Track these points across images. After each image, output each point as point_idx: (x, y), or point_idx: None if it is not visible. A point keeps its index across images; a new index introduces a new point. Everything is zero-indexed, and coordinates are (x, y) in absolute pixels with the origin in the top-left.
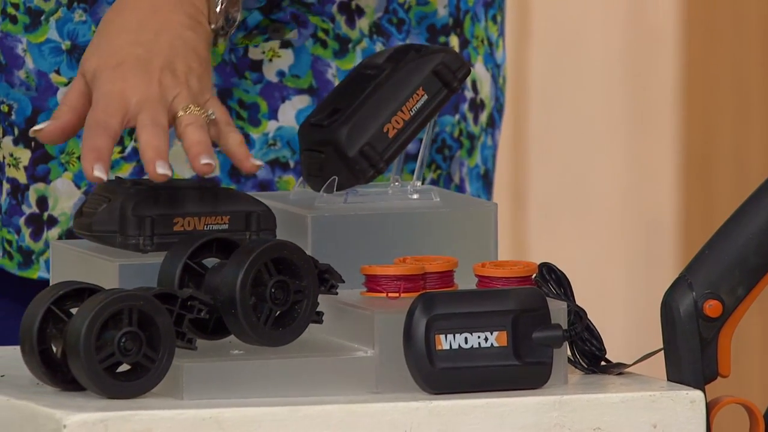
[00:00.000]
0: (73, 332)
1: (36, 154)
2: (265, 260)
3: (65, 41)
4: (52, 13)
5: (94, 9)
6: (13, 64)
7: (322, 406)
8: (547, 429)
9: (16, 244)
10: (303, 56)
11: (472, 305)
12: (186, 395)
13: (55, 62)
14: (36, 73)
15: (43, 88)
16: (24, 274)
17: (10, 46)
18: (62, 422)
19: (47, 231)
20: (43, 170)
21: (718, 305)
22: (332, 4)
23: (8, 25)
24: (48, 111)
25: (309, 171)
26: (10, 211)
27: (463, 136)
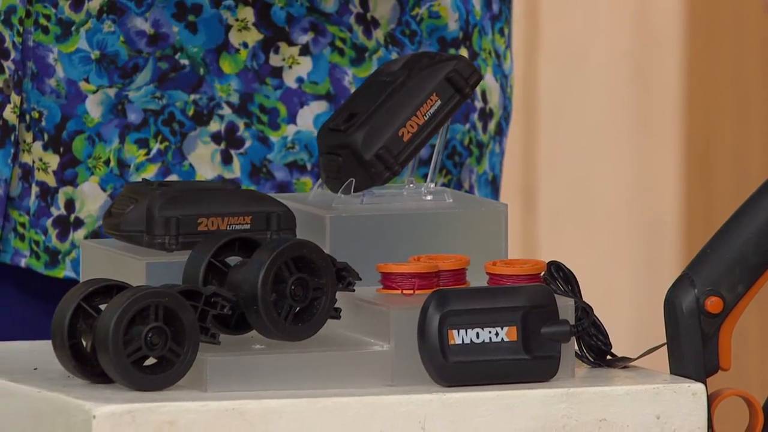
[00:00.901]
0: (102, 327)
1: (64, 159)
2: (286, 259)
3: (94, 51)
4: (83, 24)
5: (122, 20)
6: (45, 73)
7: (340, 398)
8: (555, 420)
9: (44, 244)
10: (321, 63)
11: (483, 302)
12: (210, 388)
13: (85, 71)
14: (66, 81)
15: (72, 95)
16: (50, 274)
17: (41, 55)
18: (92, 413)
19: (74, 232)
20: (71, 174)
21: (719, 302)
22: (350, 14)
23: (40, 35)
24: (77, 118)
25: (327, 173)
26: (39, 213)
27: (473, 144)
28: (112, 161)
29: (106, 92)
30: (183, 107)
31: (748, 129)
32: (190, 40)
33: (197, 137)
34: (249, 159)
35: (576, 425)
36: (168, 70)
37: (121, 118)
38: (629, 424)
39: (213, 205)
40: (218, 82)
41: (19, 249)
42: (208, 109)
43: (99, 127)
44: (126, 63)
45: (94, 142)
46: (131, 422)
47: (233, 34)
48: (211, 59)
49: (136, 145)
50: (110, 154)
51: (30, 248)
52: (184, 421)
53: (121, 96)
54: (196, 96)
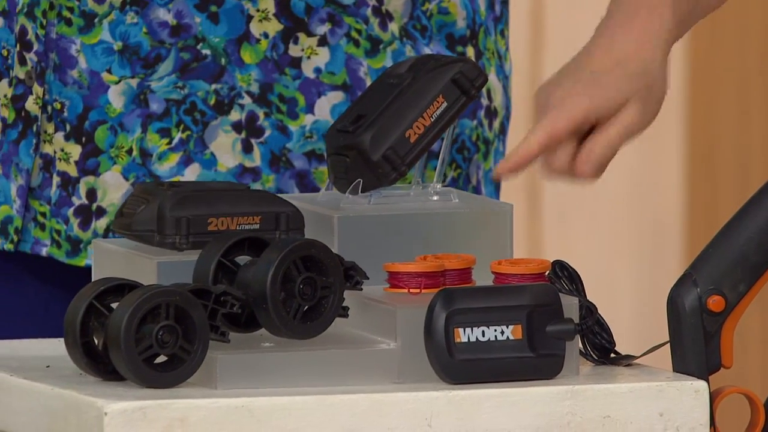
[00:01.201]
0: (113, 325)
1: (87, 149)
2: (294, 258)
3: (117, 42)
4: (106, 15)
5: (145, 11)
6: (67, 64)
7: (348, 396)
8: (559, 417)
9: (65, 233)
10: (338, 54)
11: (489, 300)
12: (220, 385)
13: (107, 62)
14: (88, 72)
15: (94, 86)
16: (72, 262)
17: (64, 47)
18: (103, 410)
19: (95, 221)
20: (93, 164)
21: (721, 300)
22: (366, 7)
23: (63, 27)
24: (99, 108)
25: (335, 174)
26: (60, 202)
27: (480, 140)
28: (135, 151)
29: (128, 82)
30: (204, 97)
31: (750, 131)
32: (212, 31)
33: (218, 126)
34: (269, 148)
35: (580, 422)
36: (190, 61)
37: (144, 108)
38: (632, 421)
39: (223, 206)
40: (239, 72)
41: (40, 238)
42: (229, 98)
43: (121, 117)
44: (148, 53)
45: (116, 132)
46: (142, 419)
47: (254, 24)
48: (233, 49)
49: (159, 135)
50: (133, 144)
51: (51, 237)
52: (195, 418)
53: (143, 86)
54: (217, 86)
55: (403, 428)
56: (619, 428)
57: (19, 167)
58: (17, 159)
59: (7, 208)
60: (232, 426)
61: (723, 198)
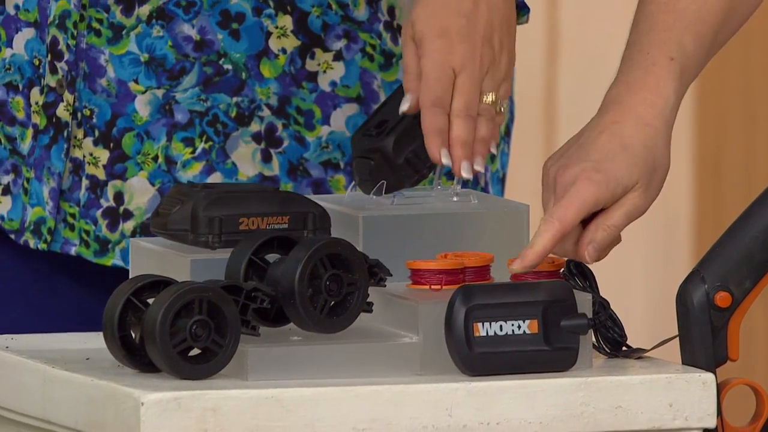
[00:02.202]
0: (150, 320)
1: (114, 154)
2: (321, 256)
3: (143, 54)
4: (133, 28)
5: (170, 25)
6: (96, 73)
7: (372, 387)
8: (574, 407)
9: (94, 233)
10: (352, 68)
11: (506, 296)
12: (250, 377)
13: (134, 72)
14: (116, 81)
15: (122, 95)
16: (99, 262)
17: (93, 57)
18: (140, 400)
19: (123, 223)
20: (120, 169)
21: (728, 296)
22: (379, 22)
23: (93, 38)
24: (126, 116)
25: (360, 176)
26: (88, 204)
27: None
28: (160, 158)
29: (154, 93)
30: (226, 109)
31: (756, 136)
32: (233, 47)
33: (239, 137)
34: (287, 158)
35: (593, 412)
36: (213, 75)
37: (169, 117)
38: (643, 411)
39: (253, 206)
40: (259, 86)
41: (69, 238)
42: (249, 110)
43: (147, 125)
44: (173, 66)
45: (142, 140)
46: (177, 408)
47: (273, 40)
48: (253, 64)
49: (183, 143)
50: (158, 151)
51: (80, 237)
52: (227, 408)
53: (168, 97)
54: (238, 98)
55: (424, 418)
56: (631, 418)
57: (50, 171)
58: (49, 163)
59: (40, 210)
60: (262, 415)
61: (729, 200)
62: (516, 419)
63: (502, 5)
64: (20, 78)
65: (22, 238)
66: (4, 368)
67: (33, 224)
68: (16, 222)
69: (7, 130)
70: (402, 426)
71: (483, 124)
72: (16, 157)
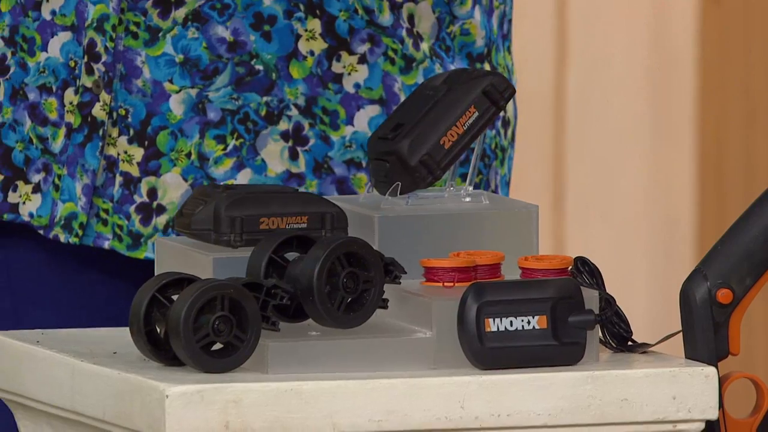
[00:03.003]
0: (174, 316)
1: (149, 152)
2: (339, 254)
3: (179, 55)
4: (169, 30)
5: (205, 27)
6: (132, 74)
7: (388, 380)
8: (581, 400)
9: (127, 228)
10: (375, 71)
11: (516, 293)
12: (270, 370)
13: (169, 73)
14: (152, 81)
15: (157, 94)
16: (132, 255)
17: (130, 58)
18: (165, 392)
19: (156, 217)
20: (154, 165)
21: (729, 293)
22: (402, 28)
23: (130, 40)
24: (160, 115)
25: (376, 177)
26: (122, 200)
27: (498, 148)
28: (193, 154)
29: (188, 92)
30: (256, 108)
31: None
32: (265, 48)
33: (268, 135)
34: (313, 156)
35: (600, 405)
36: (244, 75)
37: (201, 115)
38: (648, 404)
39: (273, 206)
40: (287, 86)
41: (102, 233)
42: (278, 110)
43: (181, 123)
44: (207, 66)
45: (176, 137)
46: (200, 401)
47: (302, 43)
48: (282, 65)
49: (215, 141)
50: (191, 148)
51: (113, 232)
52: (248, 400)
53: (201, 96)
54: (268, 98)
55: (437, 410)
56: (636, 410)
57: (84, 168)
58: (83, 160)
59: (72, 205)
60: (282, 407)
61: (731, 199)
62: (525, 411)
63: None
64: (54, 80)
65: (51, 233)
66: (34, 362)
67: (63, 219)
68: (45, 218)
69: (39, 131)
70: (416, 418)
71: None
72: (47, 156)
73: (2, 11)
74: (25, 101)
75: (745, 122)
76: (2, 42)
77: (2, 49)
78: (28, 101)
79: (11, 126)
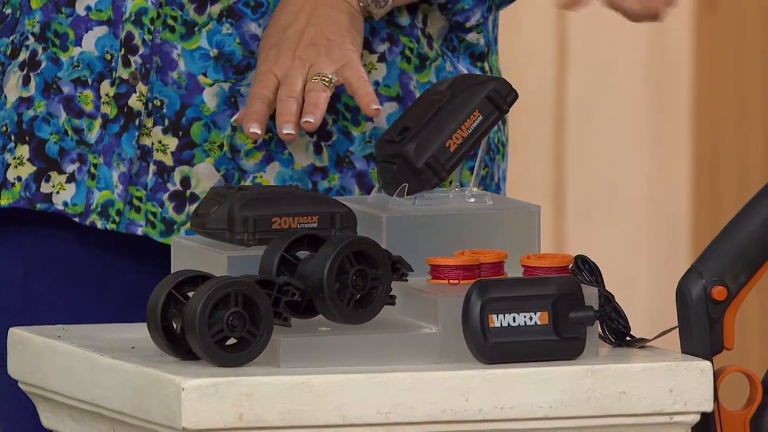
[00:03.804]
0: (190, 312)
1: (183, 142)
2: (348, 253)
3: (213, 49)
4: (204, 25)
5: (239, 23)
6: (168, 67)
7: (395, 374)
8: (581, 393)
9: (160, 215)
10: (393, 70)
11: (519, 290)
12: (282, 364)
13: (203, 66)
14: (186, 74)
15: (191, 87)
16: (164, 241)
17: (167, 51)
18: (181, 385)
19: (189, 206)
20: (188, 155)
21: (724, 290)
22: (417, 28)
23: (167, 34)
24: (194, 107)
25: (384, 179)
26: (155, 188)
27: (500, 143)
28: (225, 146)
29: (221, 86)
30: None
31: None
32: None
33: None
34: (335, 150)
35: (599, 397)
36: None
37: (234, 109)
38: (645, 396)
39: (285, 207)
40: None
41: (135, 219)
42: None
43: (214, 115)
44: (240, 61)
45: (209, 129)
46: (215, 394)
47: None
48: None
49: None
50: (224, 140)
51: (146, 219)
52: (260, 393)
53: (234, 90)
54: None
55: (443, 403)
56: (634, 402)
57: (121, 156)
58: (119, 149)
59: (108, 193)
60: (293, 400)
61: (725, 200)
62: (528, 404)
63: (329, 11)
64: (90, 73)
65: (87, 220)
66: (56, 356)
67: (100, 206)
68: (80, 206)
69: (74, 122)
70: (422, 410)
71: (311, 95)
72: (82, 147)
73: (33, 8)
74: (59, 94)
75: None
76: (33, 38)
77: (33, 44)
78: (62, 94)
79: (45, 119)
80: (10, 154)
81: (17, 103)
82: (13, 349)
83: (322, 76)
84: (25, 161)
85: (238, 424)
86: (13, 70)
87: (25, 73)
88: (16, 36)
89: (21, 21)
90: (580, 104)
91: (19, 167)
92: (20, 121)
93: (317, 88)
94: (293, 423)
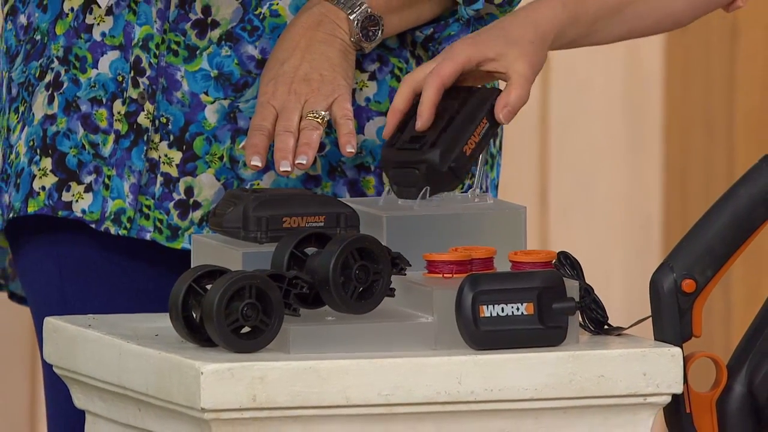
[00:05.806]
0: (208, 303)
1: (186, 155)
2: (351, 249)
3: (213, 70)
4: (205, 48)
5: (237, 46)
6: (173, 87)
7: (394, 359)
8: (564, 377)
9: (166, 222)
10: (383, 87)
11: (507, 283)
12: (292, 351)
13: (205, 86)
14: (189, 94)
15: (194, 105)
16: (171, 245)
17: (171, 73)
18: (200, 370)
19: (192, 212)
20: (191, 167)
21: (693, 283)
22: (406, 50)
23: (171, 57)
24: (197, 123)
25: (400, 183)
26: (162, 197)
27: (489, 155)
28: (225, 157)
29: (221, 103)
30: None
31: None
32: None
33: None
34: (328, 160)
35: (580, 380)
36: None
37: (233, 124)
38: (621, 380)
39: (295, 207)
40: None
41: (144, 226)
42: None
43: (215, 130)
44: (238, 80)
45: (210, 142)
46: (231, 377)
47: None
48: None
49: None
50: (224, 152)
51: (154, 225)
52: (272, 377)
53: (233, 106)
54: None
55: (438, 385)
56: (611, 385)
57: (131, 169)
58: (130, 162)
59: (120, 202)
60: (302, 383)
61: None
62: (515, 386)
63: (321, 48)
64: (104, 93)
65: (102, 226)
66: (87, 343)
67: (113, 214)
68: (96, 213)
69: (90, 138)
70: (419, 392)
71: (305, 133)
72: (98, 160)
73: (57, 34)
74: (78, 112)
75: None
76: (57, 61)
77: (57, 67)
78: (80, 112)
79: (65, 134)
80: (36, 166)
81: (43, 120)
82: (48, 337)
83: (315, 114)
84: (48, 172)
85: (252, 405)
86: (41, 90)
87: (50, 93)
88: (43, 60)
89: (48, 46)
90: (561, 117)
91: (44, 178)
92: (45, 136)
93: (310, 126)
94: (302, 404)
